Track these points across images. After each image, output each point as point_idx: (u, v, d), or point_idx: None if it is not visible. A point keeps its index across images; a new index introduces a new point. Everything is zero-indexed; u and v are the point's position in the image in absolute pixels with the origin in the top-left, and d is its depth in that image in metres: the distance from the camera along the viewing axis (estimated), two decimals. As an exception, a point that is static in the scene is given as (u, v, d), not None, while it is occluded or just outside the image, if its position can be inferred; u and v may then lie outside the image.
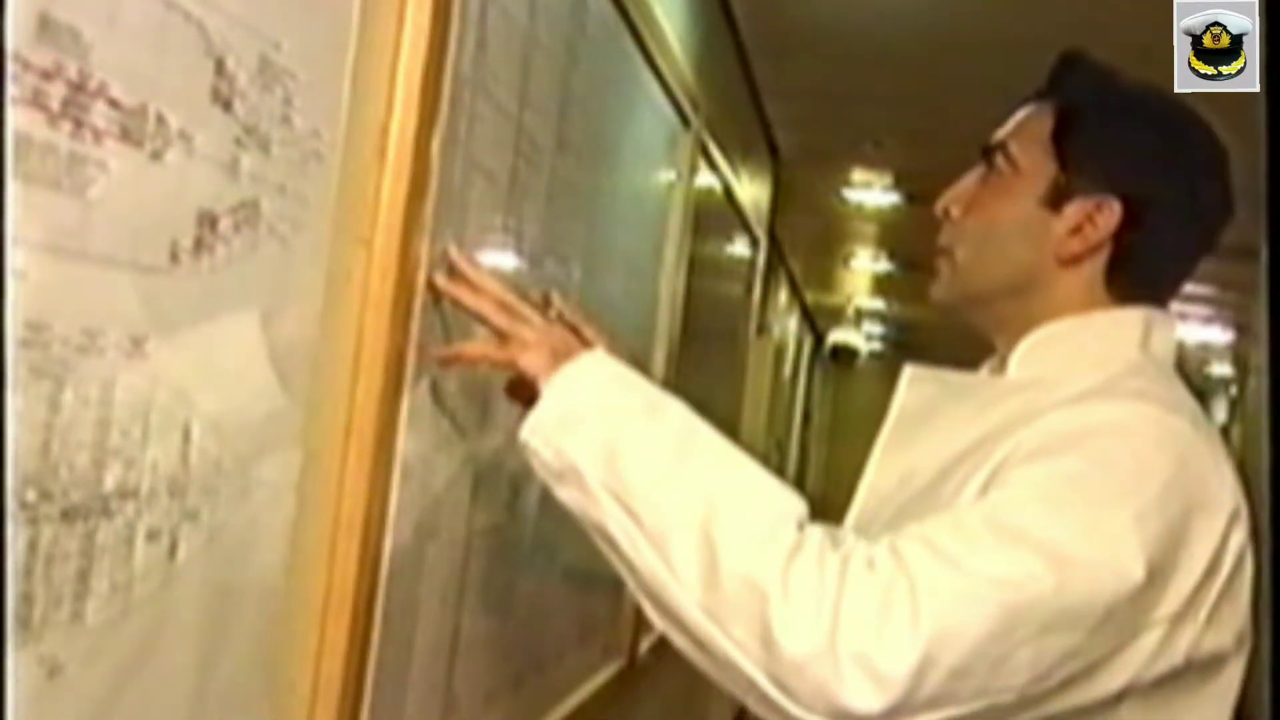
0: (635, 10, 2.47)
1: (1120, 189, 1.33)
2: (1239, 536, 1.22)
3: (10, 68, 0.84)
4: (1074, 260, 1.34)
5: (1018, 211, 1.37)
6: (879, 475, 1.45)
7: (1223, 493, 1.22)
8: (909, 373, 1.48)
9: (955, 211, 1.43)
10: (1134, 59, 1.45)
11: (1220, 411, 11.47)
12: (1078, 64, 1.43)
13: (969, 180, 1.44)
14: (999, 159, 1.40)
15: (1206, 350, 10.23)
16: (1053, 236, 1.34)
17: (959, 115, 5.15)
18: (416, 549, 1.63)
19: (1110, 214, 1.33)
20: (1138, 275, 1.36)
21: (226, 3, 1.10)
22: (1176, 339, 1.38)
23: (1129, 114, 1.37)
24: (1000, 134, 1.43)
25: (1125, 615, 1.16)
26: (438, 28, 1.47)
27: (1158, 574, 1.16)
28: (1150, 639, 1.18)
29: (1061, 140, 1.37)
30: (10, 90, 0.84)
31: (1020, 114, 1.43)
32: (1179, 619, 1.19)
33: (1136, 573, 1.13)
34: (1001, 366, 1.43)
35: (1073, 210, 1.34)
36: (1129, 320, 1.35)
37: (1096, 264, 1.35)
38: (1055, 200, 1.35)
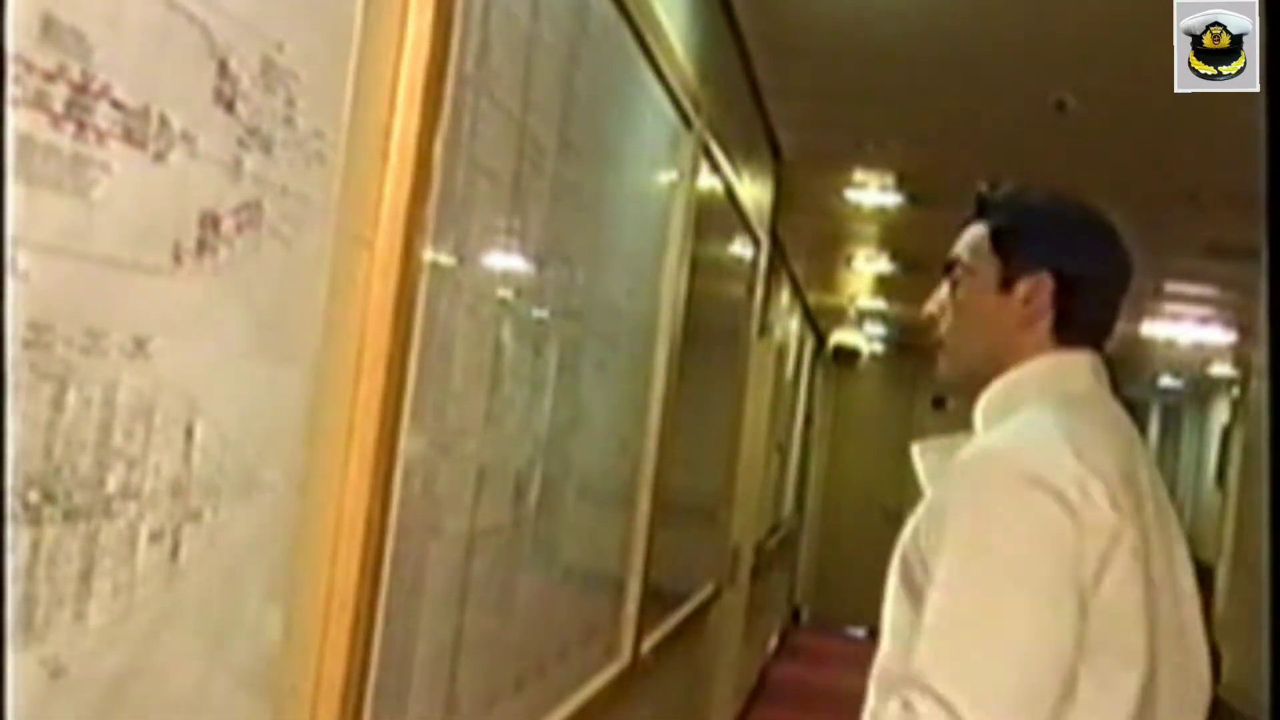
0: (637, 11, 2.47)
1: (1049, 266, 1.80)
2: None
3: (11, 69, 0.84)
4: (1029, 323, 1.81)
5: (981, 302, 1.85)
6: None
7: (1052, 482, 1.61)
8: (915, 450, 1.89)
9: (937, 314, 1.90)
10: (1134, 58, 1.46)
11: (1222, 412, 11.45)
12: (994, 194, 1.91)
13: (941, 290, 1.90)
14: (958, 270, 1.87)
15: (1207, 350, 10.23)
16: (1010, 311, 1.82)
17: (960, 116, 5.16)
18: (419, 550, 1.63)
19: (1046, 285, 1.80)
20: (1076, 326, 1.83)
21: (229, 4, 1.10)
22: (1083, 367, 1.83)
23: (1042, 215, 1.89)
24: (953, 252, 1.89)
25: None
26: (440, 29, 1.47)
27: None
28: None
29: (998, 245, 1.85)
30: (10, 91, 0.84)
31: (965, 235, 1.88)
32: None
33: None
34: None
35: (1020, 288, 1.81)
36: (1038, 367, 1.81)
37: (1046, 324, 1.81)
38: (1006, 285, 1.83)
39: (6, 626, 0.88)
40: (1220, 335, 9.57)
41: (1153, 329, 9.67)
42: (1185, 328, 9.47)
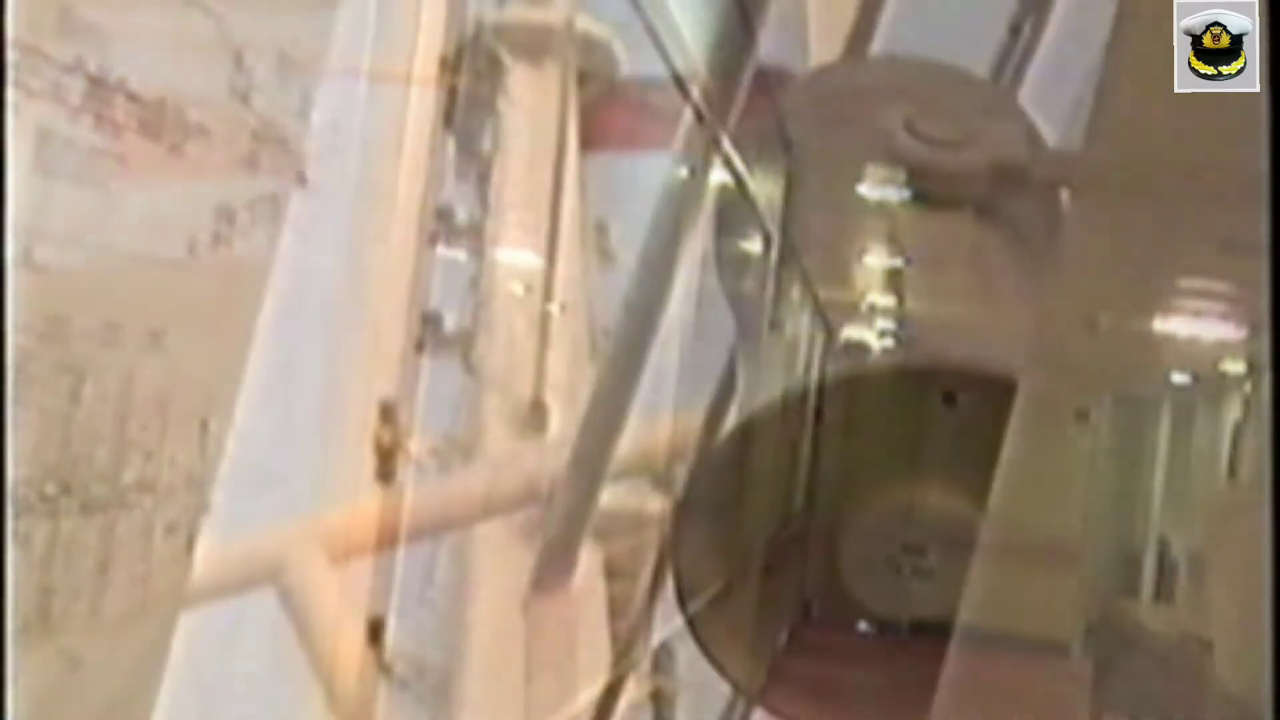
0: (651, 5, 2.47)
1: None
2: None
3: (12, 57, 0.84)
4: None
5: None
6: None
7: None
8: None
9: None
10: (1133, 56, 1.45)
11: (1234, 409, 11.44)
12: None
13: None
14: None
15: (1219, 347, 10.20)
16: None
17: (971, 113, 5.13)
18: (432, 544, 1.63)
19: None
20: None
21: (245, -3, 1.10)
22: None
23: None
24: None
25: None
26: (454, 21, 1.46)
27: None
28: None
29: None
30: (12, 77, 0.84)
31: None
32: None
33: None
34: None
35: None
36: None
37: None
38: None
39: (7, 624, 0.88)
40: (1233, 332, 9.53)
41: (1164, 325, 9.65)
42: (1197, 324, 9.43)
